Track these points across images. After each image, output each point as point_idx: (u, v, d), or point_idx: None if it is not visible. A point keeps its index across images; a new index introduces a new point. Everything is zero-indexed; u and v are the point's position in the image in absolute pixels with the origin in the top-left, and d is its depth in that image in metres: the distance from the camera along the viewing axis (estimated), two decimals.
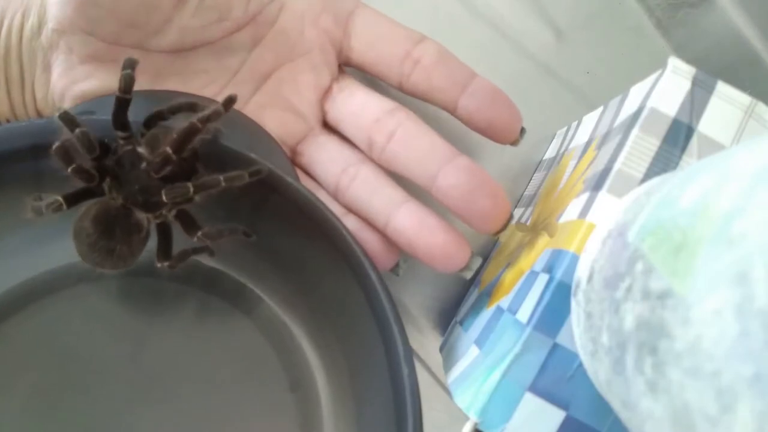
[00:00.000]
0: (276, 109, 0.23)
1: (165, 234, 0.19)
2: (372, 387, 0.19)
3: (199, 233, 0.19)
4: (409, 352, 0.18)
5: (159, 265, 0.19)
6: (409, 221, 0.21)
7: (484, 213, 0.21)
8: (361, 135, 0.23)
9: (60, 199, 0.18)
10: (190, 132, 0.17)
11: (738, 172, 0.12)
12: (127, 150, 0.18)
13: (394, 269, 0.23)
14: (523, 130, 0.23)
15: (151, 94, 0.19)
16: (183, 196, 0.18)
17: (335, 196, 0.23)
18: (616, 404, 0.14)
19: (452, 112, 0.23)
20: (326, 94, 0.24)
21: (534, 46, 0.28)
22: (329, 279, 0.21)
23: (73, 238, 0.19)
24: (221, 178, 0.18)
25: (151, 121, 0.18)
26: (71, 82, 0.20)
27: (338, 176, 0.22)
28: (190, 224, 0.19)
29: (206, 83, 0.22)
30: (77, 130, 0.17)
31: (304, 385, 0.22)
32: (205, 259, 0.21)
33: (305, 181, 0.23)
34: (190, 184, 0.18)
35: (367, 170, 0.22)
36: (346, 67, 0.25)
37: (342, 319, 0.21)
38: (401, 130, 0.22)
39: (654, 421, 0.12)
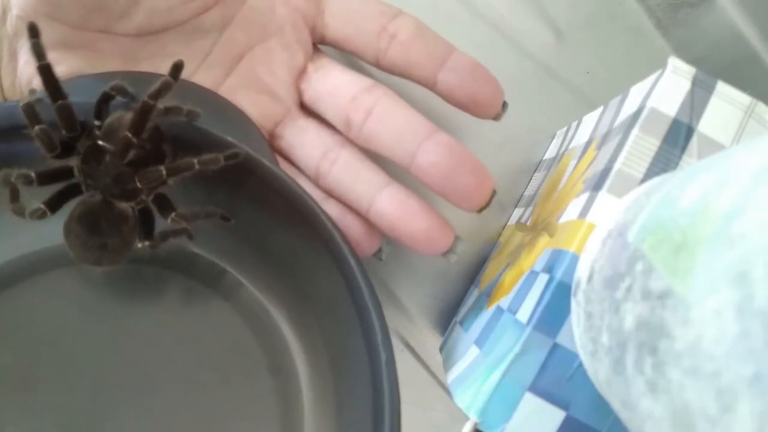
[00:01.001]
0: (251, 91, 0.23)
1: (145, 216, 0.19)
2: (351, 373, 0.19)
3: (173, 214, 0.19)
4: (388, 338, 0.18)
5: (140, 245, 0.19)
6: (391, 205, 0.21)
7: (466, 190, 0.20)
8: (338, 114, 0.22)
9: (42, 206, 0.18)
10: (145, 111, 0.17)
11: (738, 172, 0.12)
12: (89, 146, 0.18)
13: (377, 254, 0.23)
14: (505, 105, 0.22)
15: (108, 77, 0.19)
16: (157, 180, 0.18)
17: (316, 181, 0.23)
18: (616, 404, 0.14)
19: (432, 87, 0.22)
20: (301, 74, 0.23)
21: (534, 46, 0.28)
22: (309, 264, 0.21)
23: (66, 243, 0.19)
24: (195, 161, 0.18)
25: (99, 112, 0.18)
26: None
27: (319, 160, 0.22)
28: (165, 206, 0.19)
29: None
30: (37, 127, 0.17)
31: (284, 370, 0.21)
32: (185, 243, 0.21)
33: (284, 167, 0.23)
34: (162, 168, 0.18)
35: (347, 154, 0.22)
36: (322, 45, 0.24)
37: (321, 304, 0.21)
38: (378, 107, 0.21)
39: (654, 421, 0.12)
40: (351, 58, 0.24)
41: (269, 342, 0.22)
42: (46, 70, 0.17)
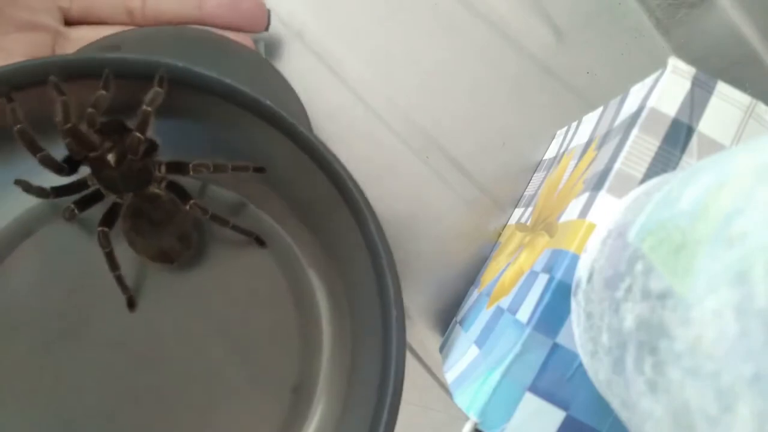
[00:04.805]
0: (15, 33, 0.23)
1: (173, 188, 0.22)
2: (364, 305, 0.21)
3: (191, 166, 0.21)
4: (398, 290, 0.19)
5: (188, 207, 0.21)
6: (217, 2, 0.24)
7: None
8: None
9: (72, 205, 0.21)
10: (60, 103, 0.18)
11: (738, 172, 0.12)
12: (92, 162, 0.20)
13: None
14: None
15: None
16: (206, 170, 0.21)
17: (133, 22, 0.24)
18: (616, 404, 0.14)
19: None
20: None
21: (534, 46, 0.28)
22: (335, 217, 0.22)
23: (139, 254, 0.22)
24: (230, 166, 0.21)
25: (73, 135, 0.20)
26: None
27: (123, 3, 0.24)
28: (180, 168, 0.21)
29: None
30: (39, 154, 0.19)
31: (308, 307, 0.23)
32: (224, 191, 0.24)
33: (91, 31, 0.24)
34: (210, 163, 0.21)
35: None
36: None
37: (341, 249, 0.22)
38: None
39: (654, 421, 0.12)
40: None
41: (296, 281, 0.23)
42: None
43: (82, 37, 0.24)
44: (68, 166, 0.20)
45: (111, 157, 0.20)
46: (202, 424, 0.22)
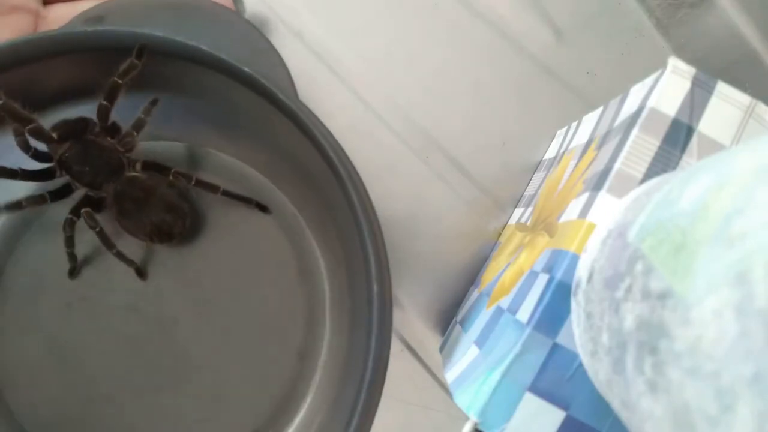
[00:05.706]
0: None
1: (150, 166, 0.22)
2: (356, 268, 0.21)
3: (131, 132, 0.22)
4: (375, 240, 0.19)
5: (171, 178, 0.22)
6: None
7: None
8: None
9: (69, 216, 0.22)
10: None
11: (738, 172, 0.12)
12: (59, 162, 0.21)
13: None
14: None
15: None
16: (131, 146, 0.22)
17: None
18: (616, 404, 0.14)
19: None
20: None
21: (534, 47, 0.28)
22: (330, 188, 0.22)
23: (137, 237, 0.23)
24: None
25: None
26: None
27: None
28: (128, 142, 0.22)
29: None
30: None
31: (310, 272, 0.24)
32: (232, 162, 0.25)
33: (69, 8, 0.24)
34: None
35: None
36: None
37: (338, 215, 0.22)
38: None
39: (654, 421, 0.12)
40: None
41: (300, 248, 0.25)
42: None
43: (60, 16, 0.24)
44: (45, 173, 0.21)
45: (67, 145, 0.21)
46: (213, 386, 0.23)
